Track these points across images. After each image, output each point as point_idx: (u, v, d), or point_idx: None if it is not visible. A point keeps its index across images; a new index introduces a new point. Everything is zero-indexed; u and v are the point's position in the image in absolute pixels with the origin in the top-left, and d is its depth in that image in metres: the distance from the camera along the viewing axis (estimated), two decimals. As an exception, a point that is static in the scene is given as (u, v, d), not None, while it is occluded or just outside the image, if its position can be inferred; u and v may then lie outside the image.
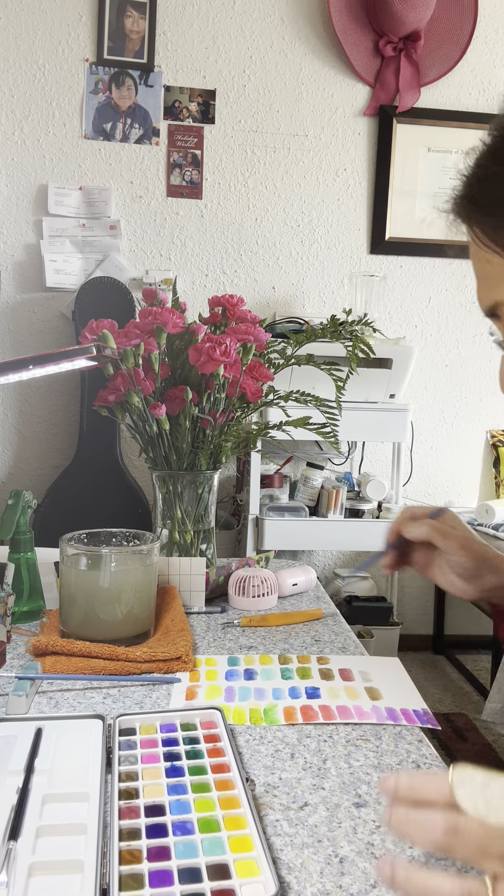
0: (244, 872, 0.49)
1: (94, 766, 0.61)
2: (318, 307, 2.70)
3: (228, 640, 0.94)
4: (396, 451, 2.59)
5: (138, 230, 2.58)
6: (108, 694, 0.78)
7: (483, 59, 2.68)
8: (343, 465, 2.73)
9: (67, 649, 0.83)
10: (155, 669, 0.82)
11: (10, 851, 0.50)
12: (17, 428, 2.62)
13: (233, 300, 1.15)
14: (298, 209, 2.66)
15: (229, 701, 0.76)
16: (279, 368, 1.19)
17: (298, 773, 0.63)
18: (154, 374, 1.07)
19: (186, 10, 2.53)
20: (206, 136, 2.58)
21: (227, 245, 2.63)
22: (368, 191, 2.68)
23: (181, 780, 0.60)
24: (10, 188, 2.52)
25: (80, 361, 0.95)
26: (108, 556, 0.88)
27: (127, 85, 2.52)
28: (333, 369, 1.16)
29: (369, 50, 2.59)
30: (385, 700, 0.77)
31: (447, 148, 2.67)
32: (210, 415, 1.09)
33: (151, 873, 0.49)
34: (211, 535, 1.14)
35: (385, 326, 2.69)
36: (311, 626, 1.00)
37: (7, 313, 2.56)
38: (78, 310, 2.45)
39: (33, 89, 2.49)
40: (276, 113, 2.61)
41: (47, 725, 0.68)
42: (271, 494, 2.45)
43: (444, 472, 2.83)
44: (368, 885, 0.50)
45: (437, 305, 2.77)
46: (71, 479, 2.48)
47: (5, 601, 0.87)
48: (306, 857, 0.52)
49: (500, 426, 2.83)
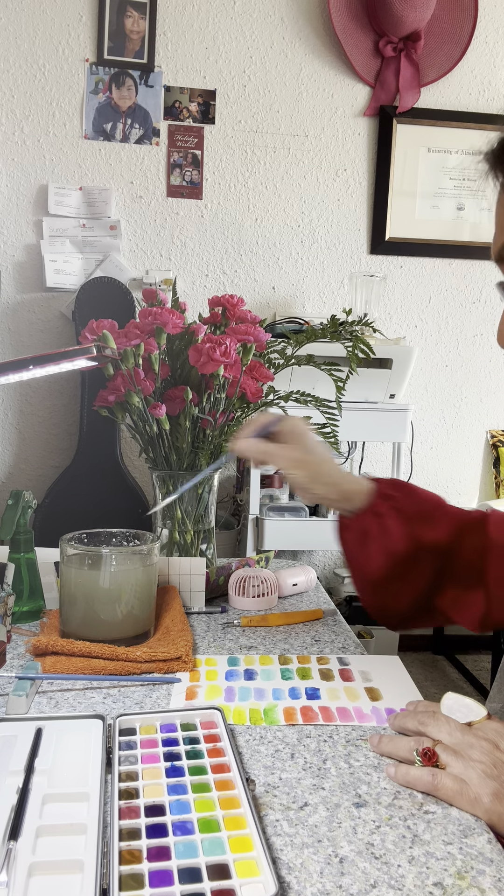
0: (244, 872, 0.49)
1: (94, 766, 0.61)
2: (318, 307, 2.70)
3: (228, 640, 0.94)
4: (396, 452, 2.59)
5: (138, 230, 2.59)
6: (108, 694, 0.78)
7: (483, 59, 2.68)
8: (343, 465, 2.74)
9: (67, 649, 0.83)
10: (155, 669, 0.82)
11: (10, 851, 0.50)
12: (17, 428, 2.62)
13: (233, 300, 1.14)
14: (298, 209, 2.66)
15: (229, 701, 0.76)
16: (279, 369, 1.19)
17: (298, 773, 0.63)
18: (154, 374, 1.07)
19: (186, 10, 2.53)
20: (206, 136, 2.58)
21: (227, 245, 2.63)
22: (368, 191, 2.68)
23: (181, 780, 0.60)
24: (10, 188, 2.52)
25: (80, 361, 0.95)
26: (108, 556, 0.88)
27: (127, 85, 2.52)
28: (333, 369, 1.16)
29: (369, 50, 2.59)
30: (385, 700, 0.77)
31: (447, 148, 2.67)
32: (210, 415, 1.09)
33: (151, 873, 0.49)
34: (211, 535, 1.14)
35: (385, 326, 2.69)
36: (311, 626, 1.00)
37: (7, 313, 2.56)
38: (78, 310, 2.45)
39: (33, 89, 2.49)
40: (276, 113, 2.61)
41: (47, 725, 0.68)
42: (271, 494, 2.45)
43: (444, 472, 2.83)
44: (368, 885, 0.50)
45: (437, 305, 2.77)
46: (71, 479, 2.48)
47: (5, 601, 0.87)
48: (306, 857, 0.52)
49: (500, 426, 2.83)
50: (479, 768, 0.58)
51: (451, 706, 0.66)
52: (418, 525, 0.82)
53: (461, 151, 2.67)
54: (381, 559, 0.82)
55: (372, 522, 0.83)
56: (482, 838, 0.55)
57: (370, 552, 0.83)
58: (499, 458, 2.69)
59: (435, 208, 2.69)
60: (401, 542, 0.81)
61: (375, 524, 0.82)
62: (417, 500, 0.85)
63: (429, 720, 0.65)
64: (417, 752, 0.62)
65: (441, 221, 2.70)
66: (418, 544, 0.81)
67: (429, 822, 0.57)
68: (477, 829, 0.56)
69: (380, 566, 0.82)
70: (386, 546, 0.81)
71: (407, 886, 0.50)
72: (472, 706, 0.65)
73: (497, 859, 0.52)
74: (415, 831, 0.56)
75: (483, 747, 0.60)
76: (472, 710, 0.65)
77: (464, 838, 0.55)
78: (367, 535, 0.83)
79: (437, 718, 0.65)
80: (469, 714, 0.65)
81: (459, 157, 2.68)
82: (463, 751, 0.60)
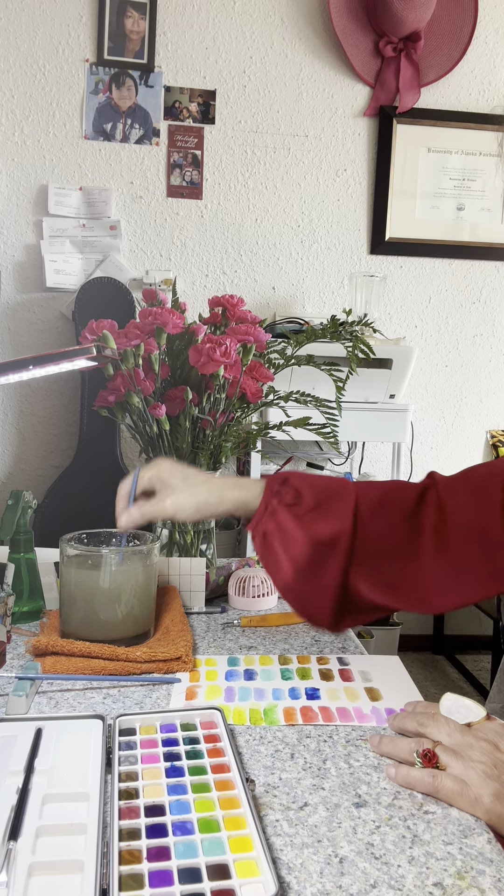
0: (244, 872, 0.49)
1: (94, 766, 0.61)
2: (318, 307, 2.70)
3: (228, 641, 0.94)
4: (396, 452, 2.59)
5: (138, 230, 2.59)
6: (108, 694, 0.78)
7: (483, 59, 2.68)
8: (343, 466, 2.73)
9: (67, 649, 0.83)
10: (155, 669, 0.83)
11: (10, 851, 0.50)
12: (17, 428, 2.62)
13: (233, 300, 1.15)
14: (298, 209, 2.66)
15: (229, 701, 0.76)
16: (279, 369, 1.19)
17: (298, 773, 0.63)
18: (154, 374, 1.07)
19: (186, 10, 2.53)
20: (206, 136, 2.58)
21: (227, 245, 2.63)
22: (368, 191, 2.68)
23: (181, 780, 0.60)
24: (10, 188, 2.52)
25: (80, 362, 0.95)
26: (108, 556, 0.88)
27: (127, 85, 2.52)
28: (333, 370, 1.16)
29: (369, 50, 2.59)
30: (385, 700, 0.77)
31: (447, 148, 2.67)
32: (210, 415, 1.09)
33: (151, 873, 0.49)
34: (211, 536, 1.14)
35: (385, 326, 2.69)
36: (311, 627, 1.00)
37: (7, 313, 2.56)
38: (78, 310, 2.45)
39: (33, 89, 2.49)
40: (277, 113, 2.61)
41: (47, 725, 0.68)
42: (271, 494, 2.44)
43: (444, 472, 2.83)
44: (368, 885, 0.50)
45: (437, 305, 2.77)
46: (71, 479, 2.48)
47: (5, 601, 0.87)
48: (306, 857, 0.52)
49: (500, 426, 2.83)
50: (479, 769, 0.58)
51: (450, 707, 0.66)
52: (312, 518, 0.77)
53: (461, 151, 2.67)
54: (285, 559, 0.78)
55: (268, 522, 0.79)
56: (482, 838, 0.55)
57: (274, 554, 0.79)
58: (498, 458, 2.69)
59: (435, 208, 2.69)
60: (299, 540, 0.77)
61: (272, 524, 0.79)
62: (310, 489, 0.80)
63: (428, 721, 0.65)
64: (417, 753, 0.62)
65: (441, 221, 2.70)
66: (316, 540, 0.76)
67: (429, 823, 0.57)
68: (477, 829, 0.56)
69: (287, 567, 0.78)
70: (285, 544, 0.78)
71: (407, 886, 0.50)
72: (471, 707, 0.66)
73: (497, 859, 0.52)
74: (415, 831, 0.56)
75: (483, 748, 0.60)
76: (471, 710, 0.65)
77: (464, 838, 0.55)
78: (266, 537, 0.80)
79: (436, 719, 0.65)
80: (468, 715, 0.65)
81: (459, 157, 2.68)
82: (463, 752, 0.60)
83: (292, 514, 0.78)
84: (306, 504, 0.78)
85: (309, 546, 0.76)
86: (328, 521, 0.77)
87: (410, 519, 0.78)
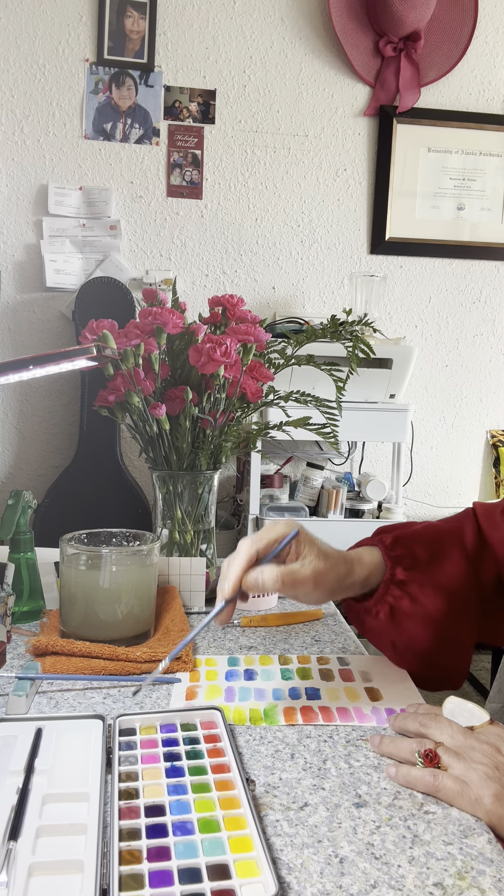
0: (244, 873, 0.49)
1: (94, 767, 0.61)
2: (318, 307, 2.70)
3: (228, 641, 0.94)
4: (396, 451, 2.59)
5: (138, 230, 2.58)
6: (108, 694, 0.78)
7: (483, 59, 2.68)
8: (343, 466, 2.73)
9: (67, 649, 0.83)
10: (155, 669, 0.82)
11: (10, 851, 0.50)
12: (17, 428, 2.62)
13: (233, 300, 1.14)
14: (298, 209, 2.65)
15: (229, 701, 0.76)
16: (279, 369, 1.18)
17: (298, 773, 0.63)
18: (154, 374, 1.07)
19: (186, 10, 2.53)
20: (206, 136, 2.58)
21: (227, 245, 2.63)
22: (368, 191, 2.68)
23: (181, 780, 0.60)
24: (10, 188, 2.52)
25: (80, 361, 0.95)
26: (108, 556, 0.88)
27: (127, 85, 2.52)
28: (333, 369, 1.16)
29: (369, 50, 2.58)
30: (385, 701, 0.77)
31: (447, 148, 2.67)
32: (210, 415, 1.09)
33: (151, 873, 0.49)
34: (211, 535, 1.14)
35: (385, 326, 2.69)
36: (311, 627, 1.00)
37: (7, 313, 2.56)
38: (78, 310, 2.45)
39: (33, 89, 2.49)
40: (276, 113, 2.61)
41: (47, 725, 0.68)
42: (271, 494, 2.45)
43: (444, 472, 2.83)
44: (368, 886, 0.50)
45: (437, 305, 2.77)
46: (71, 479, 2.48)
47: (5, 601, 0.87)
48: (306, 858, 0.52)
49: (500, 426, 2.83)
50: (480, 770, 0.58)
51: (453, 710, 0.66)
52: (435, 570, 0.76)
53: (461, 151, 2.67)
54: (422, 630, 0.76)
55: (398, 595, 0.76)
56: (482, 838, 0.55)
57: (407, 627, 0.76)
58: (499, 458, 2.69)
59: (435, 208, 2.69)
60: (434, 603, 0.75)
61: (402, 595, 0.76)
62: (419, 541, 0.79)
63: (430, 722, 0.65)
64: (419, 753, 0.62)
65: (441, 221, 2.70)
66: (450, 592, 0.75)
67: (429, 823, 0.57)
68: (477, 829, 0.56)
69: (425, 637, 0.76)
70: (422, 613, 0.75)
71: (407, 887, 0.50)
72: (474, 710, 0.65)
73: (497, 860, 0.52)
74: (415, 831, 0.55)
75: (485, 750, 0.60)
76: (474, 714, 0.65)
77: (464, 838, 0.55)
78: (395, 611, 0.76)
79: (438, 721, 0.65)
80: (472, 718, 0.65)
81: (460, 156, 2.68)
82: (464, 753, 0.60)
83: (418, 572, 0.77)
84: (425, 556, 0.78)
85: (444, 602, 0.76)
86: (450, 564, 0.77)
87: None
